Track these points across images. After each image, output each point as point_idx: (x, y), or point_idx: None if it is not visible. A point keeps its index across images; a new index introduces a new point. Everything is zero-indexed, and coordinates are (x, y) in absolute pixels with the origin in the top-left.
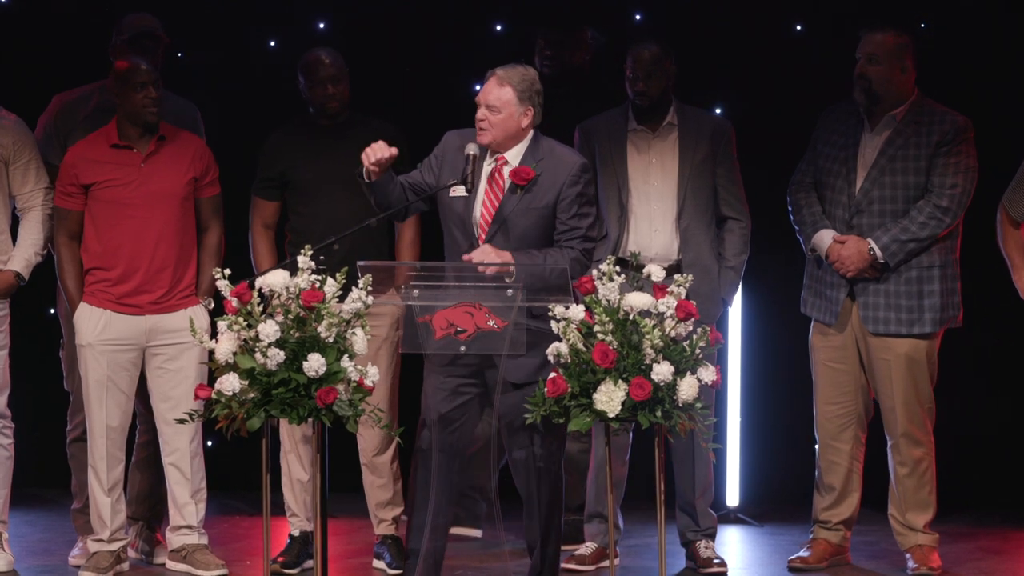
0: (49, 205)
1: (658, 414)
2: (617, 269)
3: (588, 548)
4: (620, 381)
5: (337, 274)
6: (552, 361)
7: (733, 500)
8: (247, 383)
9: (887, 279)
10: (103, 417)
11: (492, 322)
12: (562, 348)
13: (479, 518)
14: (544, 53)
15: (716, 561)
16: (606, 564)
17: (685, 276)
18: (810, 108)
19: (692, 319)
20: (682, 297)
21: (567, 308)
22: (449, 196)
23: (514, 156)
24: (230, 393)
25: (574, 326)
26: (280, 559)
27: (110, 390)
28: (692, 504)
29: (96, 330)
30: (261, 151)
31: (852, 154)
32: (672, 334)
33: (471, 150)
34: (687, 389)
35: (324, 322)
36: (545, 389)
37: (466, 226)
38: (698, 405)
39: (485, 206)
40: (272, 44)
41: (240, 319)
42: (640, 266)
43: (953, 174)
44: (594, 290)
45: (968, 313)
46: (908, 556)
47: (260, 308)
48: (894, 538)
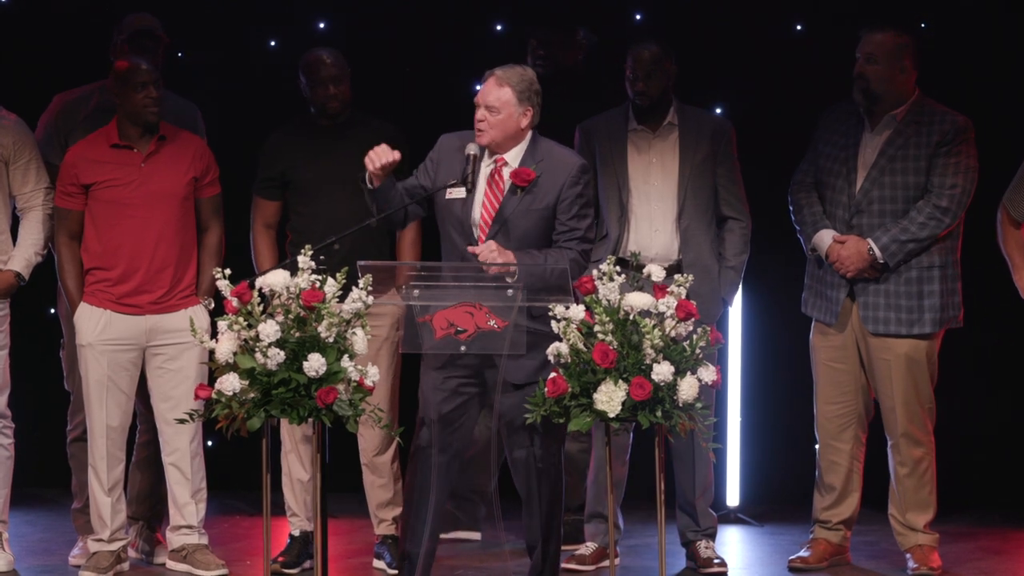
0: (49, 205)
1: (658, 414)
2: (617, 269)
3: (588, 548)
4: (620, 381)
5: (337, 274)
6: (552, 361)
7: (733, 500)
8: (247, 383)
9: (887, 279)
10: (103, 417)
11: (492, 322)
12: (562, 348)
13: (478, 520)
14: (537, 53)
15: (716, 561)
16: (606, 564)
17: (685, 276)
18: (810, 108)
19: (692, 319)
20: (682, 297)
21: (567, 308)
22: (446, 198)
23: (513, 157)
24: (230, 393)
25: (574, 326)
26: (280, 559)
27: (110, 390)
28: (692, 504)
29: (96, 330)
30: (261, 151)
31: (852, 154)
32: (672, 334)
33: (471, 150)
34: (687, 389)
35: (324, 322)
36: (545, 389)
37: (465, 227)
38: (698, 405)
39: (485, 207)
40: (272, 44)
41: (240, 319)
42: (640, 266)
43: (953, 174)
44: (594, 290)
45: (968, 313)
46: (908, 556)
47: (260, 308)
48: (894, 538)
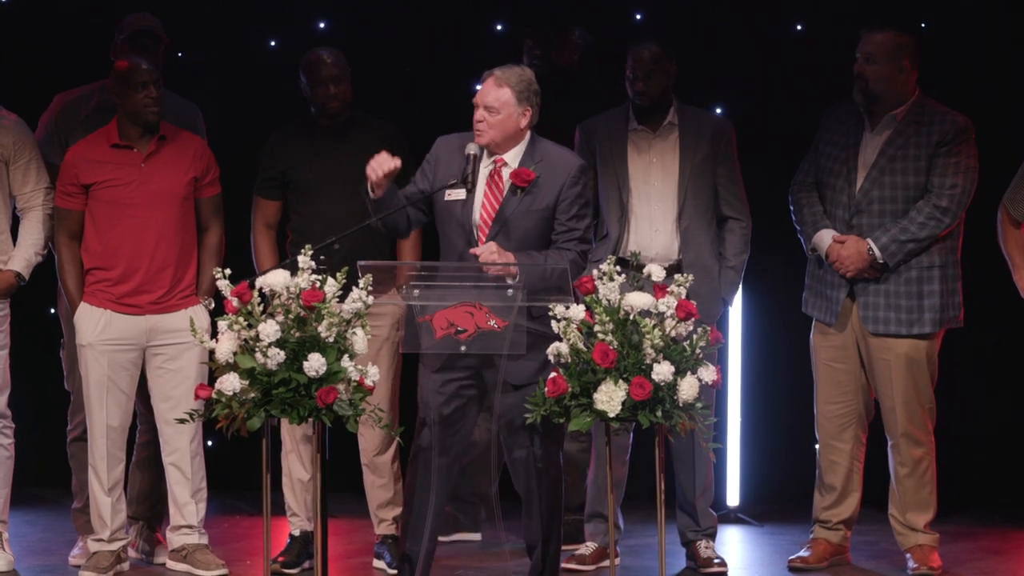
0: (49, 205)
1: (658, 414)
2: (617, 269)
3: (588, 548)
4: (620, 381)
5: (338, 274)
6: (552, 361)
7: (733, 500)
8: (247, 383)
9: (887, 279)
10: (103, 417)
11: (492, 322)
12: (562, 348)
13: (479, 521)
14: (533, 53)
15: (716, 561)
16: (606, 564)
17: (685, 276)
18: (810, 108)
19: (692, 319)
20: (682, 297)
21: (567, 308)
22: (445, 199)
23: (512, 157)
24: (230, 393)
25: (574, 326)
26: (280, 559)
27: (110, 390)
28: (692, 504)
29: (96, 330)
30: (262, 151)
31: (853, 154)
32: (672, 334)
33: (472, 150)
34: (687, 389)
35: (324, 322)
36: (545, 389)
37: (465, 228)
38: (698, 405)
39: (485, 208)
40: (272, 44)
41: (240, 319)
42: (640, 266)
43: (953, 174)
44: (594, 290)
45: (968, 313)
46: (908, 556)
47: (260, 308)
48: (894, 538)
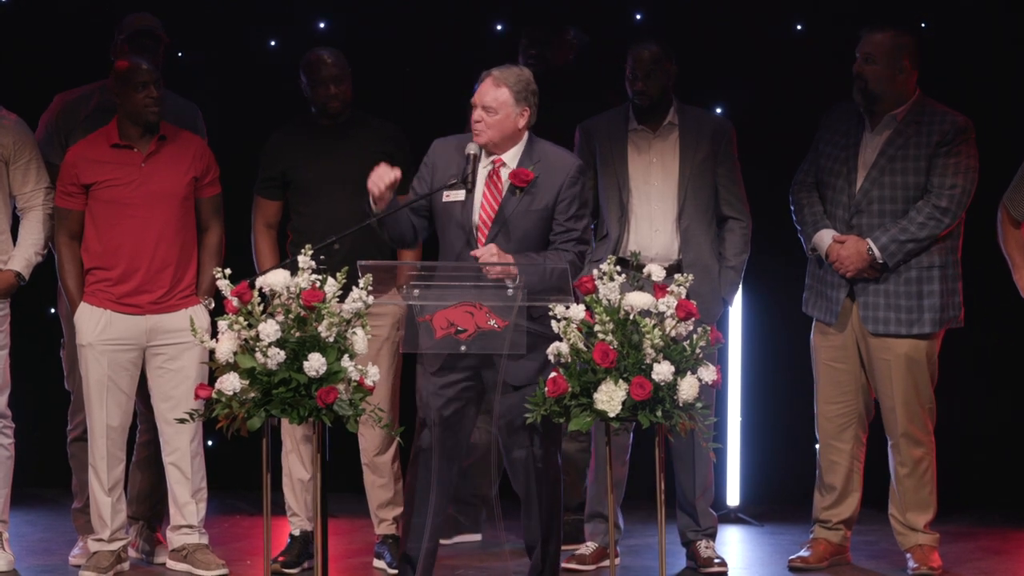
0: (49, 205)
1: (658, 414)
2: (618, 269)
3: (588, 548)
4: (620, 381)
5: (338, 274)
6: (552, 361)
7: (733, 500)
8: (247, 383)
9: (887, 279)
10: (103, 417)
11: (492, 322)
12: (562, 348)
13: (479, 523)
14: (528, 52)
15: (716, 561)
16: (606, 564)
17: (685, 276)
18: (811, 108)
19: (692, 319)
20: (682, 297)
21: (567, 308)
22: (443, 200)
23: (511, 158)
24: (230, 393)
25: (574, 326)
26: (280, 559)
27: (110, 390)
28: (692, 504)
29: (96, 330)
30: (262, 151)
31: (853, 154)
32: (672, 334)
33: (471, 149)
34: (687, 389)
35: (324, 322)
36: (545, 389)
37: (465, 229)
38: (698, 405)
39: (484, 208)
40: (272, 44)
41: (240, 319)
42: (640, 266)
43: (953, 174)
44: (595, 290)
45: (968, 313)
46: (908, 556)
47: (261, 308)
48: (894, 538)
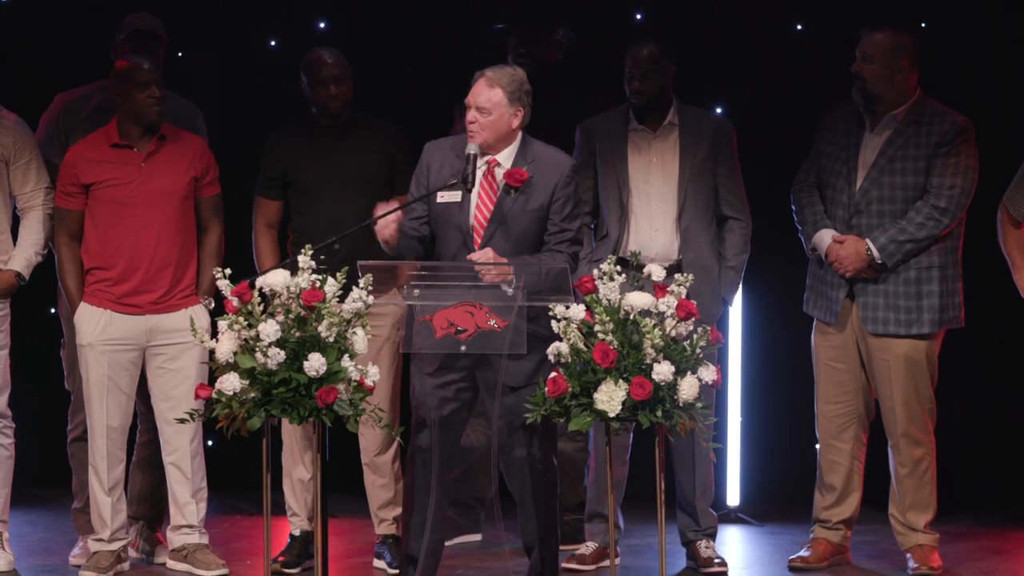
0: (49, 205)
1: (659, 414)
2: (618, 269)
3: (588, 548)
4: (621, 381)
5: (338, 274)
6: (552, 361)
7: (733, 500)
8: (248, 383)
9: (886, 279)
10: (104, 417)
11: (492, 322)
12: (563, 348)
13: (479, 523)
14: (518, 51)
15: (717, 561)
16: (606, 564)
17: (685, 276)
18: (811, 108)
19: (692, 319)
20: (682, 297)
21: (567, 308)
22: (438, 201)
23: (505, 158)
24: (231, 393)
25: (575, 326)
26: (281, 559)
27: (111, 390)
28: (692, 504)
29: (97, 330)
30: (262, 151)
31: (853, 154)
32: (672, 334)
33: (471, 150)
34: (687, 389)
35: (325, 322)
36: (545, 389)
37: (462, 230)
38: (698, 405)
39: (480, 209)
40: (272, 44)
41: (241, 319)
42: (641, 266)
43: (952, 175)
44: (595, 290)
45: (968, 313)
46: (908, 556)
47: (261, 308)
48: (894, 538)
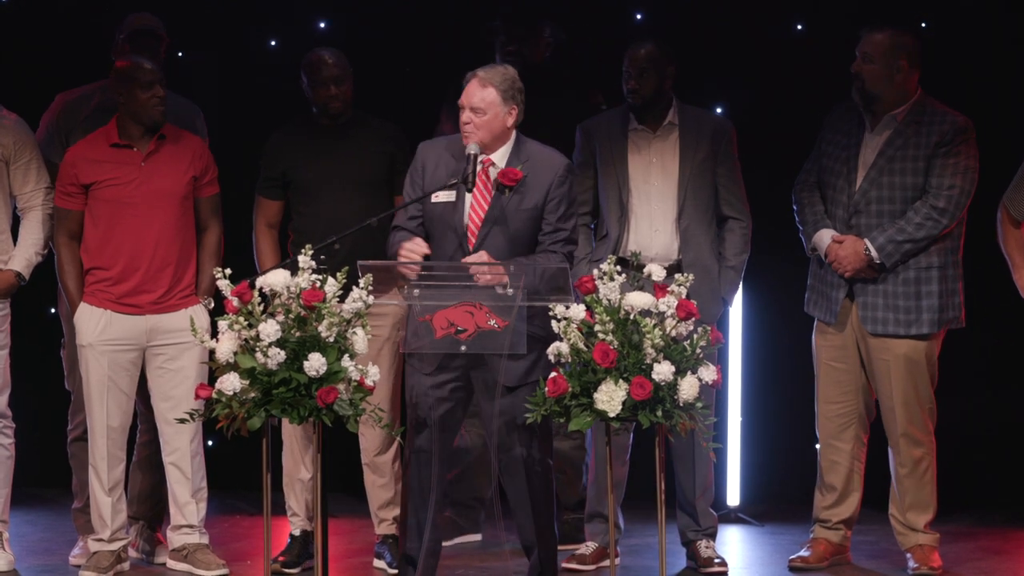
0: (49, 205)
1: (659, 414)
2: (618, 269)
3: (588, 548)
4: (621, 381)
5: (338, 274)
6: (552, 361)
7: (734, 500)
8: (248, 383)
9: (885, 279)
10: (104, 417)
11: (492, 322)
12: (563, 348)
13: (479, 524)
14: (506, 49)
15: (717, 561)
16: (606, 564)
17: (686, 276)
18: (811, 108)
19: (693, 319)
20: (683, 297)
21: (567, 308)
22: (433, 201)
23: (500, 157)
24: (231, 393)
25: (575, 326)
26: (281, 558)
27: (111, 390)
28: (692, 504)
29: (97, 330)
30: (263, 151)
31: (854, 154)
32: (673, 333)
33: (472, 150)
34: (688, 389)
35: (325, 322)
36: (546, 389)
37: (457, 232)
38: (699, 405)
39: (474, 209)
40: (272, 44)
41: (241, 319)
42: (641, 266)
43: (951, 175)
44: (595, 290)
45: (968, 313)
46: (909, 556)
47: (261, 308)
48: (895, 538)
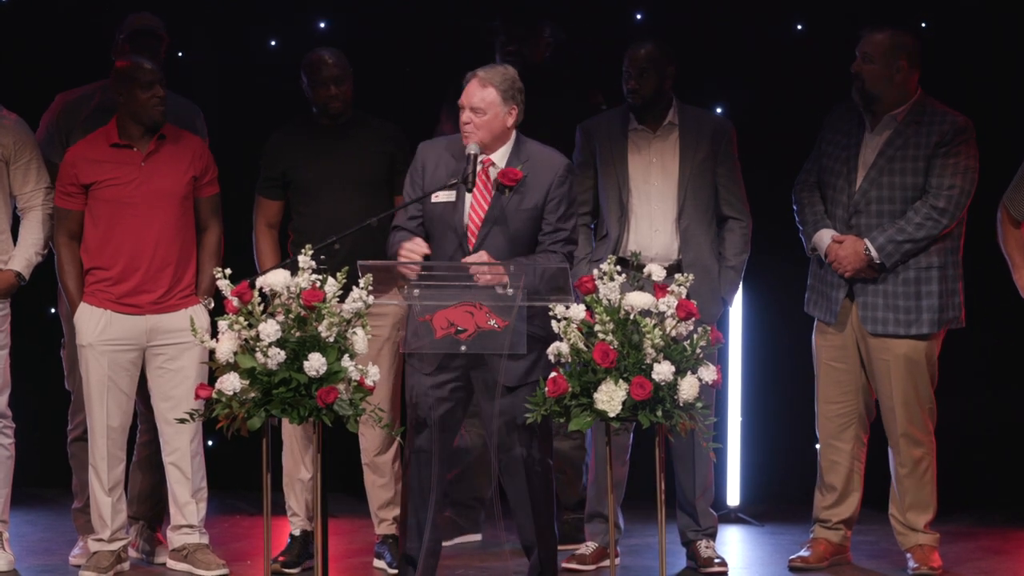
0: (49, 205)
1: (659, 414)
2: (618, 269)
3: (588, 548)
4: (621, 381)
5: (338, 274)
6: (553, 361)
7: (733, 500)
8: (248, 383)
9: (885, 279)
10: (104, 417)
11: (492, 322)
12: (563, 348)
13: (479, 524)
14: (506, 49)
15: (717, 561)
16: (606, 564)
17: (686, 276)
18: (811, 108)
19: (693, 318)
20: (683, 296)
21: (567, 308)
22: (433, 201)
23: (500, 157)
24: (231, 393)
25: (575, 326)
26: (281, 558)
27: (111, 390)
28: (692, 504)
29: (97, 330)
30: (263, 151)
31: (854, 154)
32: (673, 333)
33: (472, 150)
34: (688, 389)
35: (325, 322)
36: (546, 389)
37: (457, 232)
38: (699, 405)
39: (474, 209)
40: (273, 44)
41: (241, 319)
42: (641, 266)
43: (951, 175)
44: (595, 290)
45: (968, 313)
46: (909, 556)
47: (261, 308)
48: (894, 538)
